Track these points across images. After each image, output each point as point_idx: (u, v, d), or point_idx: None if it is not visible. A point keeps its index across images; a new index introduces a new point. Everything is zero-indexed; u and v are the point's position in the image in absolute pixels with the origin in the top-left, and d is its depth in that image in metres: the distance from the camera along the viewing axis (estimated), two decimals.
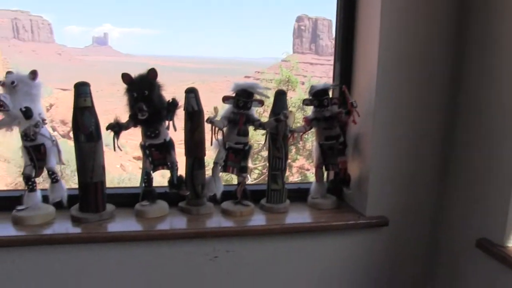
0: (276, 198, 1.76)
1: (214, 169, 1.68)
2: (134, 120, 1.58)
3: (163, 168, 1.69)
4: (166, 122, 1.62)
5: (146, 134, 1.62)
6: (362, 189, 1.77)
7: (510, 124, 1.45)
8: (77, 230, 1.54)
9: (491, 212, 1.53)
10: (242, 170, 1.72)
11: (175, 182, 1.65)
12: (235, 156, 1.70)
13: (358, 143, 1.80)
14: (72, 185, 1.77)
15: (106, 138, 1.61)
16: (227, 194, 1.76)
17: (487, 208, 1.55)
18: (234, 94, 1.63)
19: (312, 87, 1.75)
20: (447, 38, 1.67)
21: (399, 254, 1.82)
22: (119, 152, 1.65)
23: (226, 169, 1.72)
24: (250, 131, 1.74)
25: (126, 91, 1.56)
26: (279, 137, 1.69)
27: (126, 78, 1.55)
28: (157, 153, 1.66)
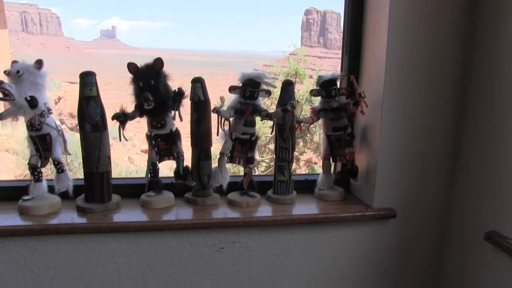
0: (282, 190, 1.74)
1: (220, 160, 1.66)
2: (140, 110, 1.57)
3: (169, 158, 1.68)
4: (172, 112, 1.61)
5: (152, 124, 1.61)
6: (369, 180, 1.74)
7: None
8: (82, 220, 1.54)
9: (501, 204, 1.51)
10: (249, 161, 1.70)
11: (181, 172, 1.63)
12: (242, 146, 1.69)
13: (366, 134, 1.77)
14: (79, 177, 1.76)
15: (114, 131, 1.60)
16: (234, 185, 1.75)
17: (497, 200, 1.53)
18: (240, 84, 1.61)
19: (319, 77, 1.72)
20: (457, 30, 1.64)
21: (407, 247, 1.80)
22: (127, 145, 1.64)
23: (232, 160, 1.70)
24: (257, 124, 1.72)
25: (132, 81, 1.55)
26: (286, 127, 1.67)
27: (132, 67, 1.54)
28: (163, 143, 1.65)
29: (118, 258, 1.58)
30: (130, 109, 1.58)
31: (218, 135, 1.64)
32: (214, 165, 1.70)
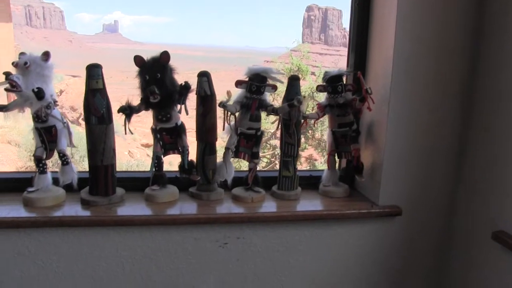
0: (287, 185, 1.74)
1: (225, 154, 1.66)
2: (145, 103, 1.56)
3: (174, 152, 1.67)
4: (178, 106, 1.60)
5: (157, 118, 1.60)
6: (375, 177, 1.74)
7: None
8: (86, 213, 1.53)
9: (509, 203, 1.50)
10: (254, 156, 1.70)
11: (186, 167, 1.63)
12: (247, 141, 1.68)
13: (371, 131, 1.76)
14: (80, 170, 1.75)
15: (116, 125, 1.59)
16: (238, 180, 1.75)
17: (505, 199, 1.52)
18: (247, 79, 1.60)
19: (326, 73, 1.71)
20: (465, 24, 1.63)
21: (412, 244, 1.80)
22: (128, 139, 1.64)
23: (237, 154, 1.69)
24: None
25: (138, 74, 1.54)
26: (292, 123, 1.66)
27: (138, 60, 1.53)
28: (168, 137, 1.64)
29: (122, 252, 1.57)
30: (135, 102, 1.57)
31: (224, 130, 1.63)
32: (219, 159, 1.69)
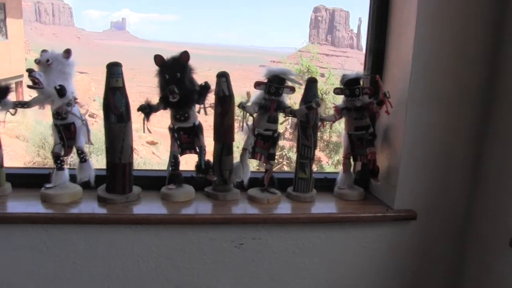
0: (303, 187, 1.74)
1: (242, 155, 1.66)
2: (164, 102, 1.56)
3: (191, 152, 1.68)
4: (197, 106, 1.60)
5: (175, 117, 1.60)
6: (391, 181, 1.73)
7: None
8: (103, 211, 1.54)
9: None
10: (270, 157, 1.70)
11: (203, 166, 1.63)
12: (264, 142, 1.68)
13: (388, 134, 1.76)
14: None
15: None
16: (253, 181, 1.75)
17: None
18: (266, 80, 1.61)
19: (344, 76, 1.71)
20: (486, 28, 1.62)
21: (427, 249, 1.79)
22: (133, 136, 1.63)
23: (254, 155, 1.70)
24: None
25: (158, 73, 1.54)
26: (310, 125, 1.66)
27: (158, 59, 1.53)
28: (185, 136, 1.64)
29: (137, 250, 1.58)
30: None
31: (242, 131, 1.64)
32: (235, 160, 1.70)
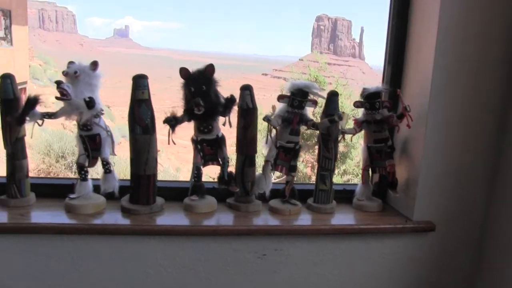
0: (323, 199, 1.75)
1: (265, 167, 1.68)
2: (189, 114, 1.58)
3: (213, 163, 1.69)
4: (220, 118, 1.63)
5: (199, 129, 1.62)
6: (409, 193, 1.75)
7: None
8: (128, 222, 1.56)
9: None
10: (291, 169, 1.72)
11: (226, 178, 1.65)
12: (285, 155, 1.70)
13: (406, 147, 1.78)
14: (95, 175, 1.78)
15: (125, 129, 1.60)
16: (274, 192, 1.76)
17: None
18: (289, 93, 1.63)
19: (364, 90, 1.74)
20: (507, 42, 1.64)
21: (445, 260, 1.80)
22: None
23: (275, 167, 1.71)
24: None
25: (183, 86, 1.57)
26: (331, 138, 1.68)
27: (184, 72, 1.56)
28: (208, 148, 1.66)
29: (161, 261, 1.59)
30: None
31: (266, 143, 1.66)
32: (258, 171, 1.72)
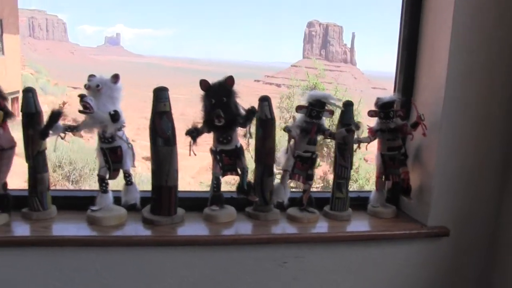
0: (340, 206, 1.79)
1: (283, 176, 1.71)
2: (208, 126, 1.61)
3: (231, 173, 1.72)
4: (238, 129, 1.65)
5: (218, 140, 1.65)
6: (423, 199, 1.79)
7: None
8: (150, 233, 1.57)
9: None
10: (309, 178, 1.75)
11: (245, 187, 1.67)
12: (302, 164, 1.73)
13: (419, 154, 1.82)
14: (92, 184, 1.80)
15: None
16: (291, 201, 1.79)
17: None
18: (307, 104, 1.66)
19: (378, 99, 1.77)
20: None
21: (459, 264, 1.84)
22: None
23: (292, 176, 1.74)
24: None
25: (204, 98, 1.59)
26: (348, 147, 1.72)
27: (204, 84, 1.58)
28: (227, 158, 1.68)
29: (183, 271, 1.61)
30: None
31: (287, 153, 1.69)
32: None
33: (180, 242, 1.59)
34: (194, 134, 1.57)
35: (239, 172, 1.69)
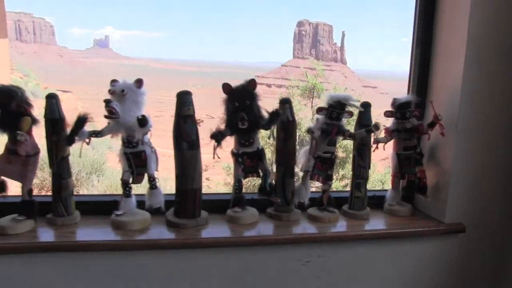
0: (358, 205, 1.82)
1: (304, 177, 1.74)
2: (231, 129, 1.63)
3: (253, 175, 1.74)
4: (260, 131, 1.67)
5: (240, 142, 1.67)
6: (440, 196, 1.82)
7: None
8: (176, 236, 1.59)
9: None
10: (328, 178, 1.78)
11: (268, 189, 1.69)
12: (322, 164, 1.76)
13: (435, 153, 1.86)
14: (90, 188, 1.80)
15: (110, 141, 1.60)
16: (310, 201, 1.81)
17: None
18: (327, 106, 1.69)
19: (395, 100, 1.80)
20: None
21: (475, 259, 1.89)
22: (115, 154, 1.67)
23: (312, 177, 1.77)
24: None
25: (226, 101, 1.61)
26: (367, 147, 1.75)
27: (226, 88, 1.60)
28: (248, 160, 1.70)
29: (209, 272, 1.63)
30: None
31: (310, 154, 1.71)
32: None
33: (205, 244, 1.61)
34: (219, 137, 1.59)
35: (260, 173, 1.71)
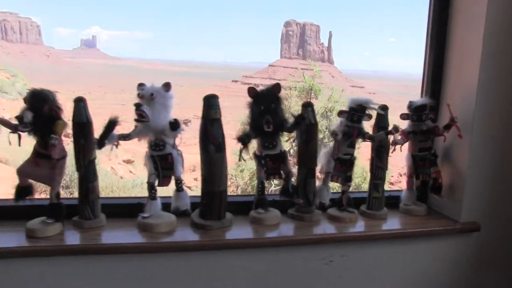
0: (376, 206, 1.87)
1: (325, 178, 1.78)
2: (255, 131, 1.66)
3: (275, 177, 1.77)
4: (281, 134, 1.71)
5: (263, 145, 1.70)
6: (455, 196, 1.88)
7: None
8: (202, 238, 1.61)
9: None
10: (347, 179, 1.82)
11: (291, 190, 1.73)
12: (341, 166, 1.81)
13: (450, 154, 1.91)
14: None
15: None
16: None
17: None
18: (348, 109, 1.74)
19: (411, 103, 1.86)
20: None
21: (489, 258, 1.95)
22: (110, 155, 1.70)
23: (332, 178, 1.82)
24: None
25: (251, 104, 1.64)
26: (385, 149, 1.80)
27: (251, 91, 1.64)
28: (271, 163, 1.73)
29: (234, 274, 1.65)
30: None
31: (333, 157, 1.76)
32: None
33: (230, 246, 1.63)
34: (246, 140, 1.62)
35: (283, 175, 1.74)
